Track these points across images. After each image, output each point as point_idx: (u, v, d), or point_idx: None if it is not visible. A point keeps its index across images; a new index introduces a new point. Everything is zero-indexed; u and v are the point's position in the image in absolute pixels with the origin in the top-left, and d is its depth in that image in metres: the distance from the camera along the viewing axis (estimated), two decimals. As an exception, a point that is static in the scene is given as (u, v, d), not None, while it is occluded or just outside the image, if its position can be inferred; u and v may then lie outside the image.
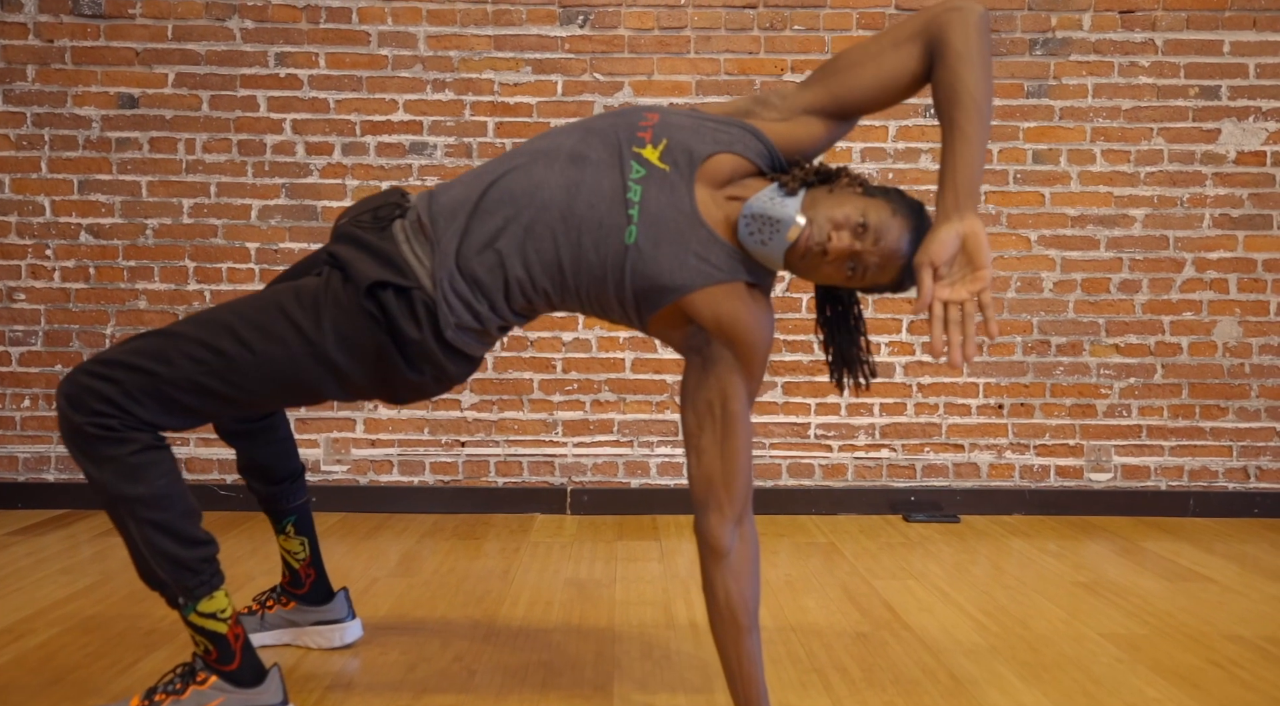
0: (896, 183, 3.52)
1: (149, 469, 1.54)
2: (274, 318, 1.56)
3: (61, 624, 2.26)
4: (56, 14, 3.42)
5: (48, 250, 3.48)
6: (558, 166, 1.59)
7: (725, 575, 1.62)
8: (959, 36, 1.49)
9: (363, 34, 3.46)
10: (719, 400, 1.61)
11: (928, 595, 2.56)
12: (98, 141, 3.46)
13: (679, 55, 3.50)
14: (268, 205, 3.49)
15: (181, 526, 1.58)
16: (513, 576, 2.72)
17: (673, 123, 1.61)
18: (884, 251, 1.52)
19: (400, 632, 2.25)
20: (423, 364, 1.62)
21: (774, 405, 3.56)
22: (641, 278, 1.57)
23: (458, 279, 1.59)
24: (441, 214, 1.61)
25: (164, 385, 1.52)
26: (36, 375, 3.50)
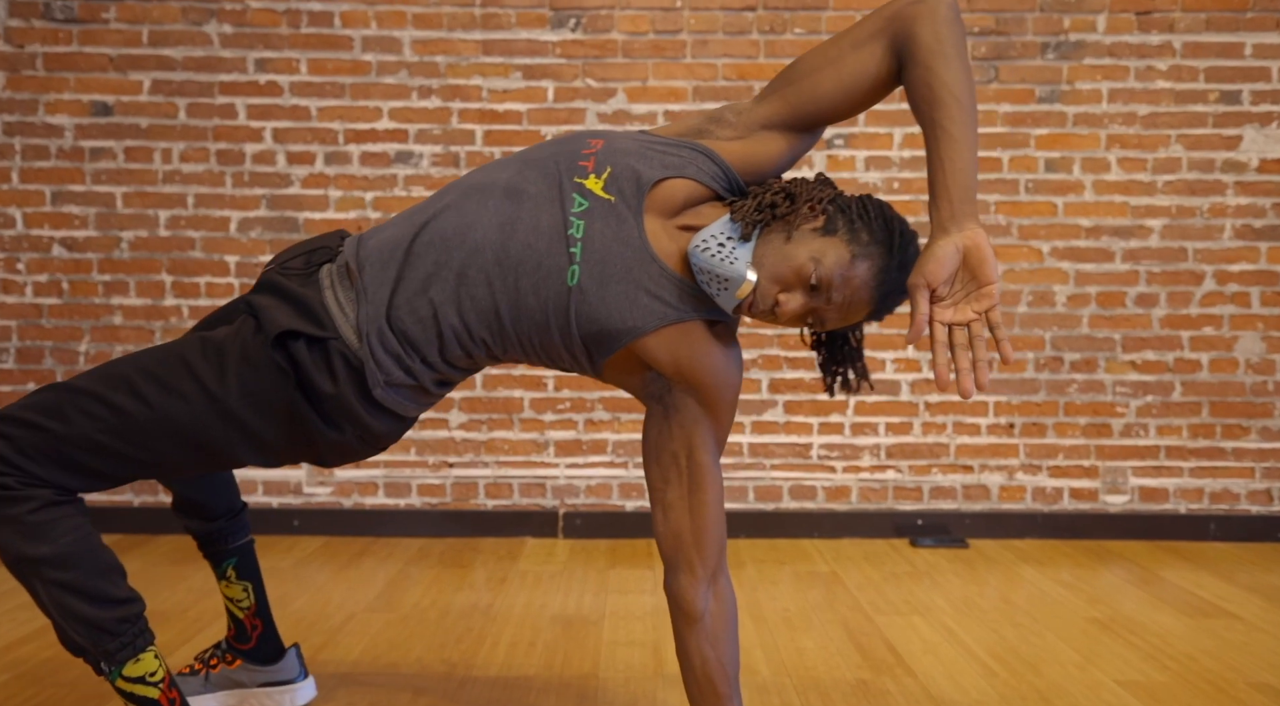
0: (902, 193, 3.38)
1: (52, 526, 1.39)
2: (176, 370, 1.41)
3: (11, 670, 2.13)
4: (27, 18, 3.29)
5: (19, 264, 3.35)
6: (492, 203, 1.44)
7: (700, 640, 1.47)
8: (928, 30, 1.33)
9: (346, 39, 3.33)
10: (684, 451, 1.47)
11: (934, 634, 2.41)
12: (71, 151, 3.33)
13: (675, 60, 3.36)
14: (247, 217, 3.36)
15: (93, 586, 1.42)
16: (496, 611, 2.58)
17: (618, 148, 1.46)
18: (845, 304, 1.38)
19: (371, 678, 2.12)
20: (342, 421, 1.47)
21: (775, 424, 3.41)
22: (588, 321, 1.42)
23: (387, 333, 1.44)
24: (370, 260, 1.47)
25: (59, 443, 1.37)
26: (9, 394, 3.37)
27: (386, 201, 3.36)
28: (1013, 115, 3.39)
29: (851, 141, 3.38)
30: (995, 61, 3.38)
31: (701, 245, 1.38)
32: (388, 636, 2.39)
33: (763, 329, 3.38)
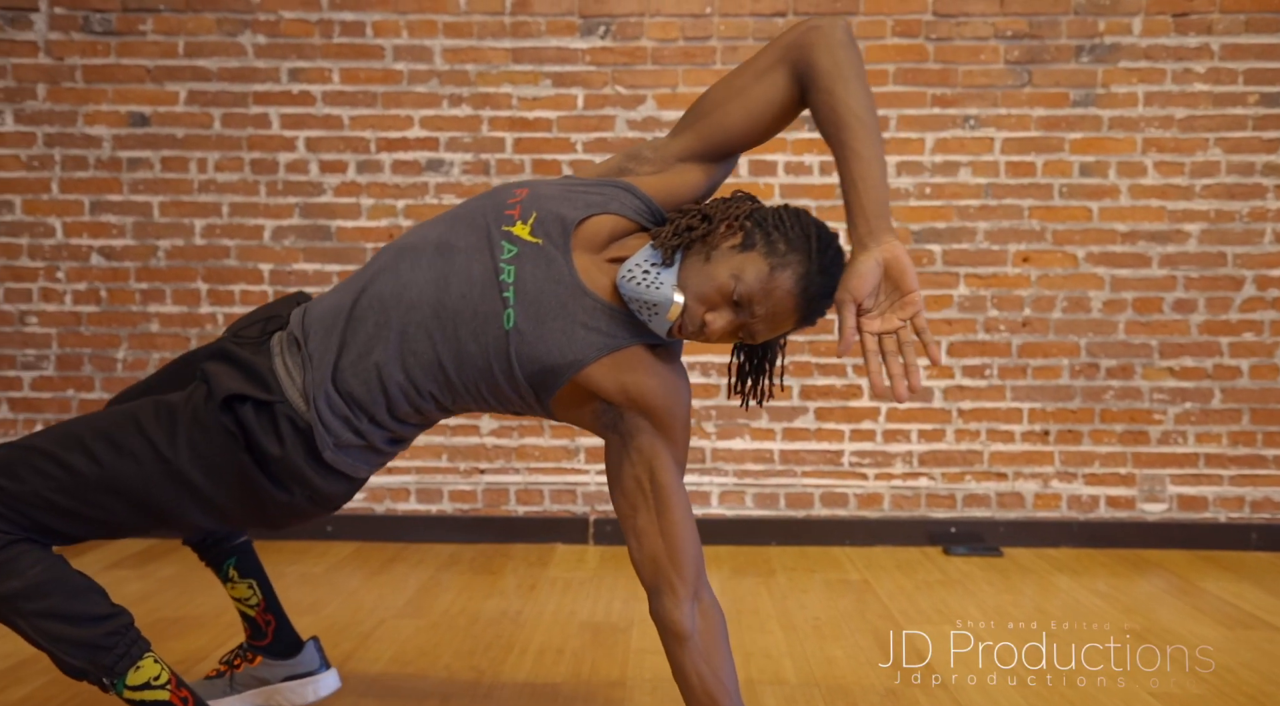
0: (934, 198, 3.35)
1: (16, 562, 1.40)
2: (128, 431, 1.45)
3: (52, 672, 2.15)
4: (67, 31, 3.35)
5: (59, 272, 3.41)
6: (424, 261, 1.49)
7: (694, 658, 1.47)
8: (826, 56, 1.38)
9: (377, 48, 3.35)
10: (646, 476, 1.49)
11: (965, 643, 2.38)
12: (109, 161, 3.38)
13: (705, 67, 3.35)
14: (281, 225, 3.39)
15: (72, 609, 1.44)
16: (525, 618, 2.58)
17: (542, 194, 1.51)
18: (769, 316, 1.43)
19: (400, 684, 2.13)
20: (290, 483, 1.50)
21: (806, 431, 3.39)
22: (529, 361, 1.47)
23: (334, 396, 1.48)
24: (313, 327, 1.51)
25: (12, 500, 1.40)
26: (49, 400, 3.42)
27: (418, 209, 3.38)
28: (1046, 119, 3.35)
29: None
30: (1028, 65, 3.34)
31: (628, 275, 1.43)
32: (417, 642, 2.40)
33: (793, 335, 3.37)
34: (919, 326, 1.33)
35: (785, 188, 3.36)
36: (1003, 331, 3.37)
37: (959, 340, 3.37)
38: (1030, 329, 3.37)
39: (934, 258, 3.36)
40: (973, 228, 3.37)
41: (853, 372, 3.38)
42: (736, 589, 2.87)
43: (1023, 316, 3.37)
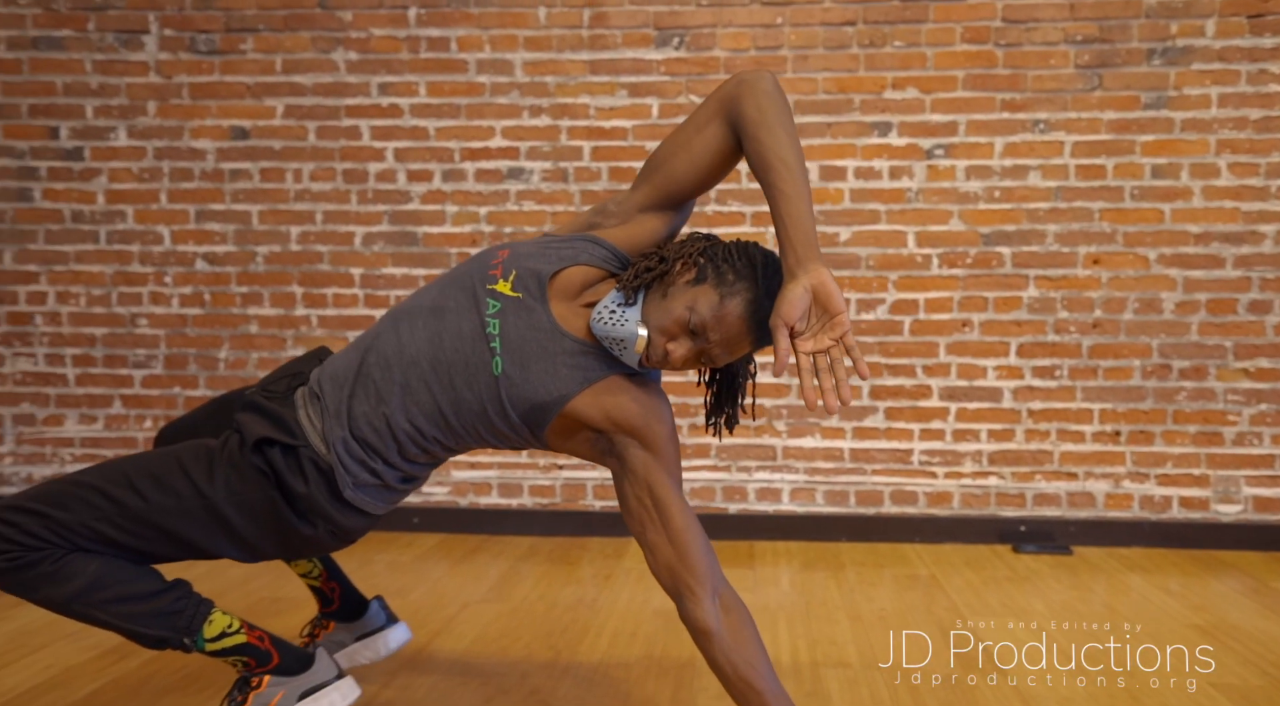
0: (1004, 201, 3.40)
1: (72, 565, 1.57)
2: (171, 470, 1.61)
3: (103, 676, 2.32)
4: (175, 52, 3.57)
5: (166, 277, 3.63)
6: (420, 322, 1.67)
7: (725, 650, 1.59)
8: (752, 107, 1.53)
9: (461, 62, 3.52)
10: (646, 494, 1.63)
11: (1028, 635, 2.44)
12: (212, 173, 3.60)
13: (776, 75, 3.44)
14: (371, 232, 3.57)
15: (136, 589, 1.61)
16: (600, 605, 2.70)
17: (520, 253, 1.69)
18: (724, 340, 1.57)
19: (482, 662, 2.26)
20: (314, 518, 1.67)
21: (876, 430, 3.46)
22: (520, 401, 1.63)
23: (351, 442, 1.66)
24: (327, 383, 1.71)
25: (61, 528, 1.55)
26: (157, 397, 3.65)
27: (499, 216, 3.53)
28: (1117, 122, 3.38)
29: (952, 151, 3.42)
30: (1099, 69, 3.37)
31: (597, 316, 1.60)
32: (498, 625, 2.53)
33: (863, 337, 3.44)
34: (848, 344, 1.43)
35: (854, 192, 3.44)
36: (1073, 333, 3.40)
37: (1028, 341, 3.41)
38: (1101, 330, 3.39)
39: (1003, 260, 3.41)
40: (1042, 230, 3.40)
41: (922, 373, 3.44)
42: (806, 582, 2.95)
43: (1093, 318, 3.39)
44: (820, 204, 3.45)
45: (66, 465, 3.68)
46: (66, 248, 3.64)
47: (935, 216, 3.43)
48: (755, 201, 3.47)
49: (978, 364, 3.42)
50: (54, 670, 2.17)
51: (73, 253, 3.64)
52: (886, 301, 3.44)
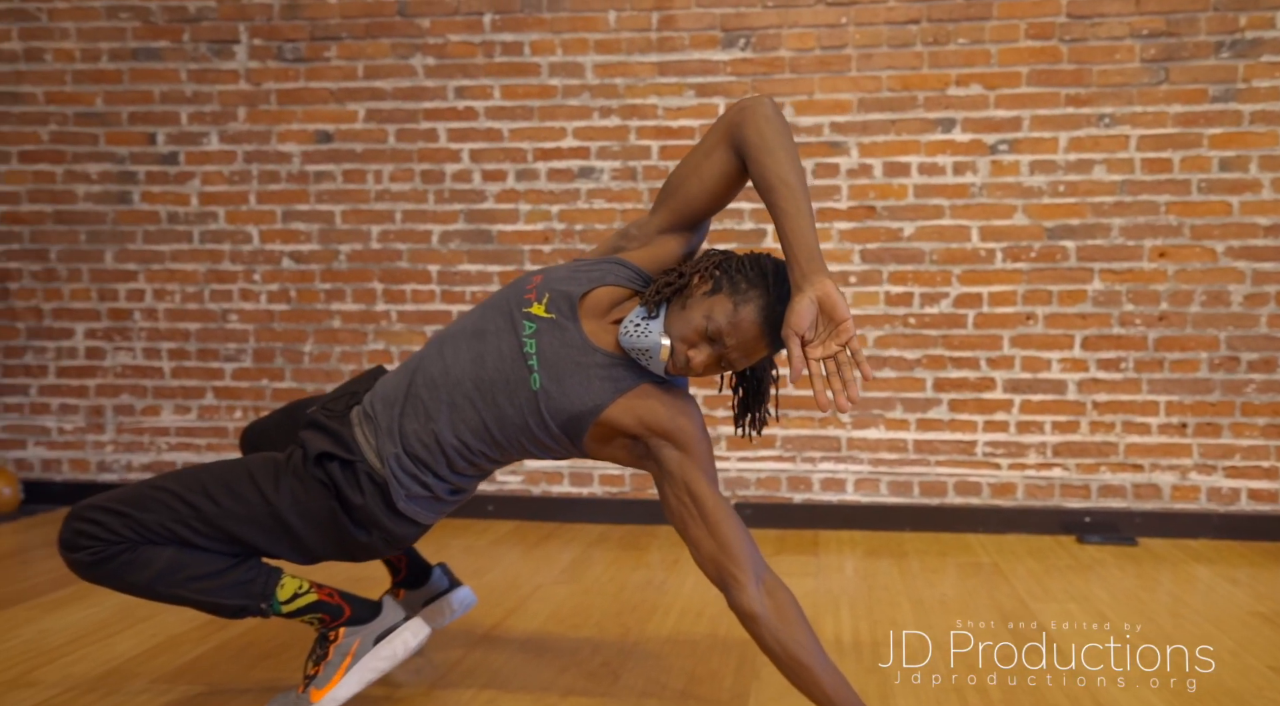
0: (1068, 195, 3.42)
1: (147, 553, 1.72)
2: (241, 480, 1.78)
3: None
4: (264, 60, 3.76)
5: (255, 275, 3.81)
6: (463, 345, 1.82)
7: (773, 632, 1.69)
8: (753, 131, 1.65)
9: (534, 66, 3.64)
10: (685, 493, 1.75)
11: (1087, 618, 2.48)
12: (298, 175, 3.77)
13: (840, 74, 3.52)
14: (447, 230, 3.72)
15: (209, 566, 1.77)
16: (668, 587, 2.80)
17: (553, 277, 1.83)
18: (740, 345, 1.69)
19: (555, 638, 2.37)
20: (369, 527, 1.81)
21: (939, 422, 3.51)
22: (558, 412, 1.76)
23: (404, 458, 1.79)
24: (379, 402, 1.85)
25: (139, 526, 1.71)
26: (246, 389, 3.84)
27: (571, 214, 3.65)
28: (1184, 116, 3.39)
29: (1016, 146, 3.45)
30: (1165, 63, 3.38)
31: (624, 330, 1.73)
32: (570, 604, 2.64)
33: (927, 330, 3.49)
34: (853, 348, 1.55)
35: (918, 188, 3.49)
36: (1138, 325, 3.41)
37: (1093, 334, 3.43)
38: (1167, 323, 3.40)
39: (1067, 254, 3.44)
40: (1107, 224, 3.42)
41: (986, 366, 3.48)
42: (869, 568, 3.02)
43: (1159, 310, 3.41)
44: (884, 200, 3.51)
45: (163, 453, 3.88)
46: (163, 247, 3.85)
47: (999, 211, 3.47)
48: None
49: (1042, 356, 3.46)
50: (160, 637, 2.33)
51: (168, 252, 3.85)
52: (950, 295, 3.49)
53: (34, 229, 3.90)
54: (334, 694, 1.80)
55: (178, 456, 3.87)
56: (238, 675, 2.09)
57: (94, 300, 3.89)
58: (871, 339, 3.53)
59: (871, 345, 3.53)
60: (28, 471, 3.95)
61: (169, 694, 1.98)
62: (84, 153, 3.87)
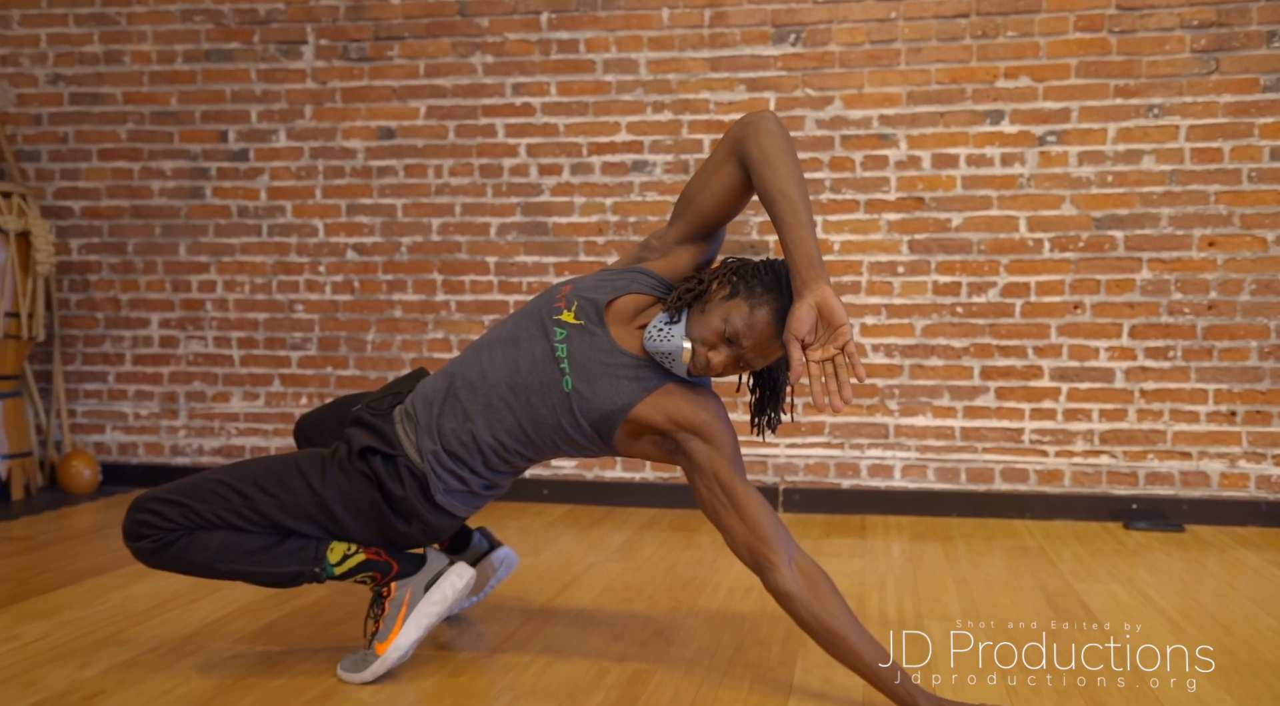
0: (1116, 186, 3.46)
1: (201, 535, 1.86)
2: (291, 472, 1.91)
3: (331, 586, 2.61)
4: (329, 59, 3.91)
5: (320, 267, 3.96)
6: (498, 352, 1.95)
7: (808, 607, 1.78)
8: (755, 147, 1.75)
9: (589, 63, 3.75)
10: (715, 483, 1.85)
11: (1130, 599, 2.53)
12: (361, 170, 3.92)
13: (889, 68, 3.58)
14: (505, 222, 3.84)
15: (261, 542, 1.90)
16: (719, 566, 2.88)
17: (581, 286, 1.96)
18: (756, 346, 1.80)
19: (610, 610, 2.47)
20: (410, 518, 1.94)
21: (987, 409, 3.56)
22: (590, 411, 1.88)
23: (442, 455, 1.92)
24: (420, 402, 1.97)
25: (195, 515, 1.85)
26: (311, 376, 3.99)
27: (624, 206, 3.75)
28: (1234, 105, 3.40)
29: (1064, 137, 3.49)
30: (1215, 53, 3.40)
31: (648, 335, 1.84)
32: (623, 581, 2.74)
33: (975, 319, 3.54)
34: (849, 351, 1.67)
35: (966, 179, 3.54)
36: (1187, 314, 3.44)
37: (1141, 323, 3.46)
38: (1216, 312, 3.42)
39: (1115, 243, 3.47)
40: (1156, 214, 3.45)
41: (1033, 354, 3.52)
42: (915, 551, 3.08)
43: (1208, 299, 3.43)
44: (932, 191, 3.57)
45: (232, 438, 4.05)
46: (233, 240, 4.01)
47: (1047, 201, 3.51)
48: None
49: (1089, 345, 3.49)
50: (236, 605, 2.46)
51: (238, 245, 4.01)
52: (998, 284, 3.54)
53: (112, 223, 4.09)
54: (397, 643, 1.92)
55: (246, 441, 4.04)
56: (311, 637, 2.22)
57: (168, 291, 4.07)
58: (919, 328, 3.59)
59: (919, 334, 3.59)
60: (105, 454, 4.14)
61: (249, 652, 2.11)
62: (159, 150, 4.05)
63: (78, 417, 4.16)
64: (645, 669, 2.03)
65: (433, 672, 2.01)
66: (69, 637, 2.20)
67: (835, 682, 1.93)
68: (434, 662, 2.07)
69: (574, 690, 1.90)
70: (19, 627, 2.27)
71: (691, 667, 2.04)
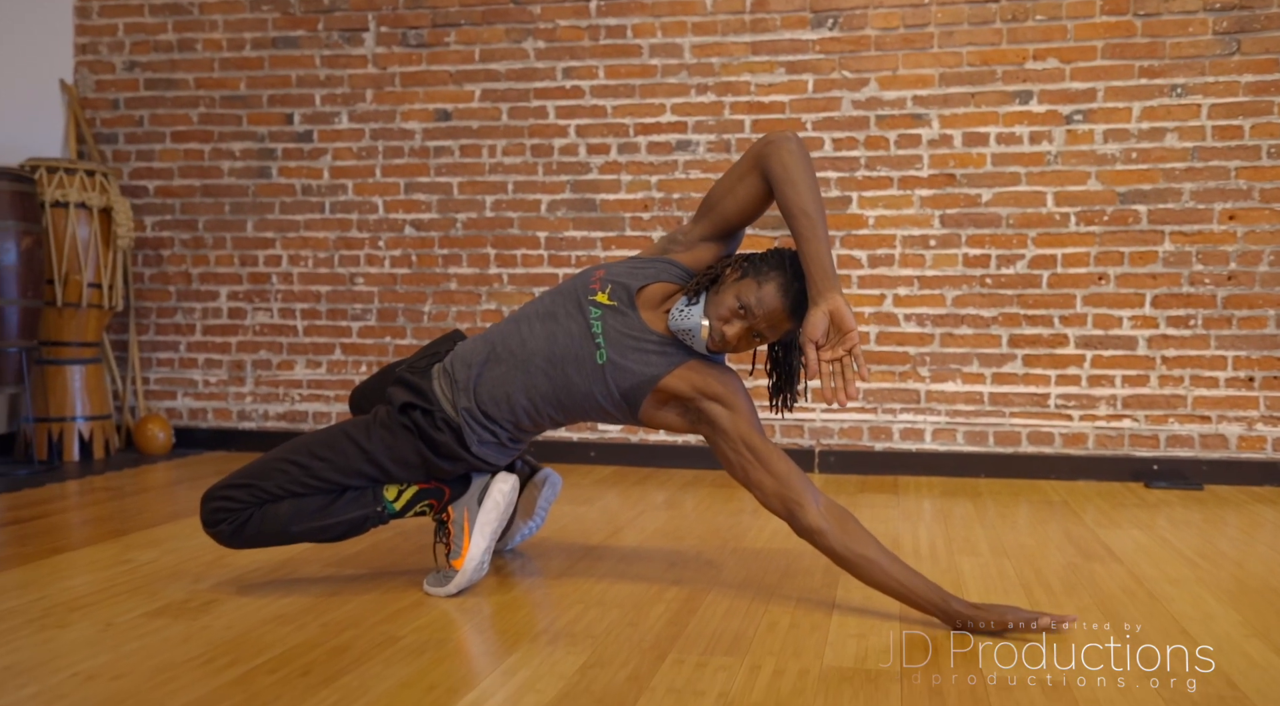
0: (1140, 162, 3.62)
1: (269, 507, 2.10)
2: (339, 437, 2.15)
3: (396, 529, 2.82)
4: (389, 45, 4.13)
5: (380, 242, 4.19)
6: (536, 325, 2.17)
7: (837, 539, 1.98)
8: (778, 164, 1.95)
9: (636, 47, 3.95)
10: (740, 443, 2.08)
11: (1150, 542, 2.70)
12: (419, 150, 4.14)
13: (923, 50, 3.76)
14: (555, 199, 4.05)
15: (323, 500, 2.13)
16: (760, 514, 3.08)
17: (615, 271, 2.18)
18: (768, 318, 2.00)
19: (662, 547, 2.67)
20: (454, 460, 2.18)
21: (1014, 376, 3.74)
22: (622, 380, 2.10)
23: (476, 412, 2.15)
24: (458, 363, 2.19)
25: (262, 492, 2.09)
26: (371, 345, 4.22)
27: (669, 184, 3.95)
28: (1254, 84, 3.56)
29: (1090, 116, 3.66)
30: (1237, 35, 3.56)
31: (672, 317, 2.08)
32: (669, 527, 2.94)
33: (1003, 289, 3.72)
34: (855, 354, 1.88)
35: (996, 156, 3.72)
36: (1207, 284, 3.60)
37: (1163, 293, 3.63)
38: (1236, 282, 3.58)
39: (1139, 217, 3.63)
40: (1178, 188, 3.61)
41: (1059, 323, 3.70)
42: (944, 505, 3.27)
43: (1228, 270, 3.59)
44: (964, 168, 3.74)
45: (295, 404, 4.28)
46: (297, 217, 4.25)
47: (1073, 177, 3.68)
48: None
49: (1113, 314, 3.66)
50: (319, 541, 2.69)
51: (302, 221, 4.25)
52: (1026, 257, 3.71)
53: (184, 201, 4.33)
54: (470, 555, 2.15)
55: (309, 407, 4.28)
56: (391, 565, 2.44)
57: (236, 265, 4.31)
58: (950, 298, 3.77)
59: (950, 304, 3.77)
60: (177, 419, 4.39)
61: (339, 575, 2.33)
62: (229, 132, 4.29)
63: (151, 385, 4.41)
64: (699, 590, 2.23)
65: (508, 589, 2.23)
66: (177, 562, 2.43)
67: (875, 599, 2.13)
68: (505, 583, 2.28)
69: (638, 603, 2.11)
70: (129, 554, 2.51)
71: (741, 589, 2.24)
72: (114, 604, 2.08)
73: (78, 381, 4.02)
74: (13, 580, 2.26)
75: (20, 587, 2.20)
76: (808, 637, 1.89)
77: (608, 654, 1.79)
